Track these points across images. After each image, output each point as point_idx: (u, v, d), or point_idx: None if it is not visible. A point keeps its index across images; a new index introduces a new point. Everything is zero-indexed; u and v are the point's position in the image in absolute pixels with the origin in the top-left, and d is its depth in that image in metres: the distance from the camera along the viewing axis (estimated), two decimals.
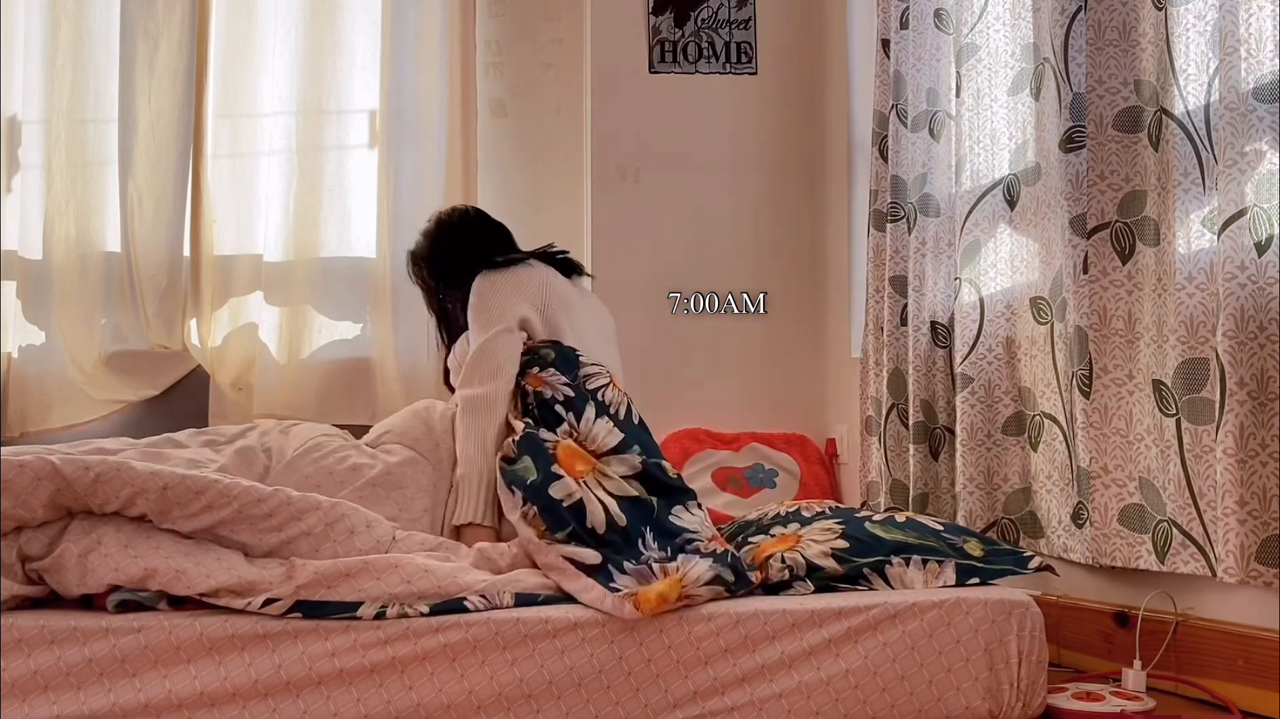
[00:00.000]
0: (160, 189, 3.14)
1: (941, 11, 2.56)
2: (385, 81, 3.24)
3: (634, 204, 3.26)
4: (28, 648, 1.50)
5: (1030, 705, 1.64)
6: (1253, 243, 1.69)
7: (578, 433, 1.98)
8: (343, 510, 1.75)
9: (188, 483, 1.63)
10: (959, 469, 2.32)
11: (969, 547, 1.82)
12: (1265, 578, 1.67)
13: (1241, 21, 1.72)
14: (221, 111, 3.22)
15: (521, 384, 2.07)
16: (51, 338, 3.16)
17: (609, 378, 2.11)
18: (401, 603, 1.59)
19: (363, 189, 3.28)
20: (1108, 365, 2.01)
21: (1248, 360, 1.69)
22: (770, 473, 3.12)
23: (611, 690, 1.59)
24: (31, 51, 3.17)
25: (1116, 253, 2.01)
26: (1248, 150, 1.70)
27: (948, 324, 2.48)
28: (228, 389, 3.17)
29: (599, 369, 2.12)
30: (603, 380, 2.09)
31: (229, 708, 1.52)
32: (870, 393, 2.70)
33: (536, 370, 2.08)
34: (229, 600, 1.57)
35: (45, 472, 1.58)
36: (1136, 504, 1.95)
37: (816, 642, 1.62)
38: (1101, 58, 2.04)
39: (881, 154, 2.67)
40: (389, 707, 1.54)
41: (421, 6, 3.27)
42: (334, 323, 3.27)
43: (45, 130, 3.16)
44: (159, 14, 3.15)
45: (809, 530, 1.88)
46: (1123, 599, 2.01)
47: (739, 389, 3.26)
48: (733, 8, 3.33)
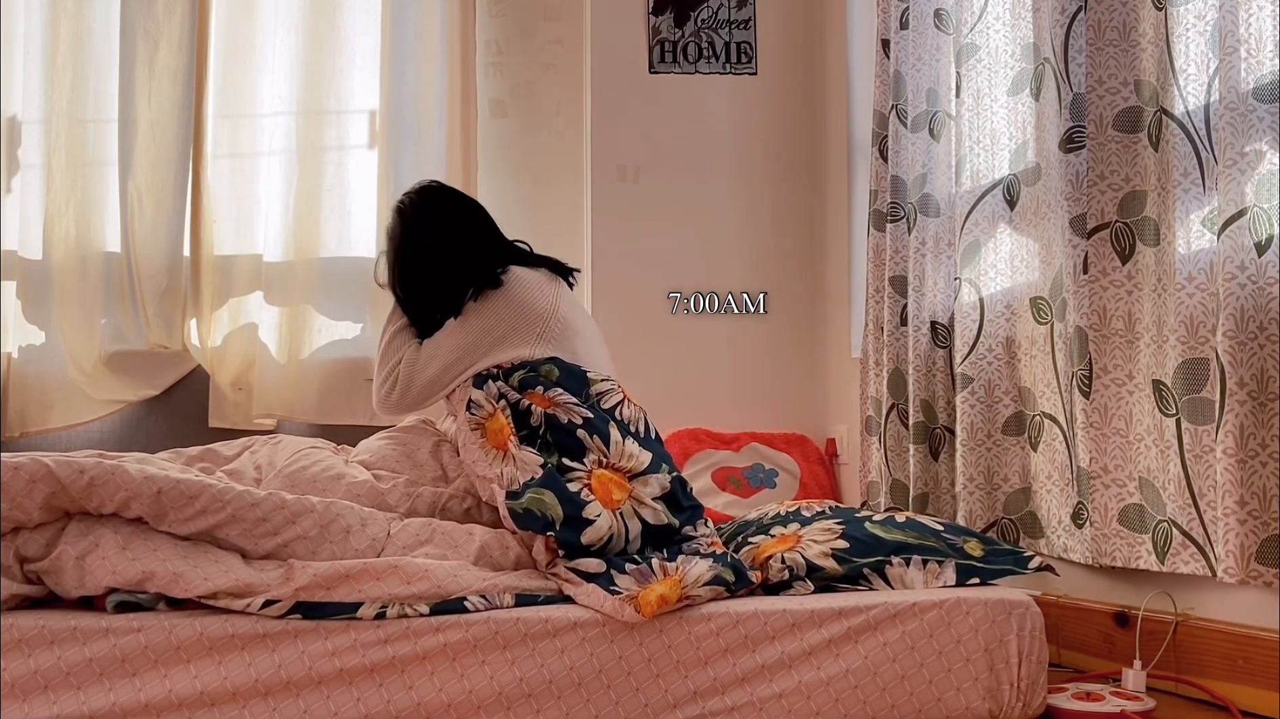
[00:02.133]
0: (160, 189, 3.15)
1: (941, 11, 2.56)
2: (385, 81, 3.24)
3: (634, 204, 3.26)
4: (28, 648, 1.50)
5: (1030, 705, 1.64)
6: (1253, 243, 1.69)
7: (609, 459, 1.87)
8: (337, 510, 1.75)
9: (181, 487, 1.63)
10: (959, 469, 2.32)
11: (969, 547, 1.82)
12: (1265, 578, 1.67)
13: (1241, 21, 1.72)
14: (221, 111, 3.23)
15: (521, 401, 1.93)
16: (51, 338, 3.17)
17: (621, 392, 2.00)
18: (401, 603, 1.59)
19: (363, 189, 3.29)
20: (1108, 365, 2.01)
21: (1248, 360, 1.69)
22: (770, 473, 3.12)
23: (611, 690, 1.59)
24: (31, 51, 3.17)
25: (1116, 253, 2.01)
26: (1248, 150, 1.70)
27: (948, 324, 2.47)
28: (228, 389, 3.17)
29: (610, 384, 2.00)
30: (618, 397, 1.98)
31: (229, 708, 1.52)
32: (870, 393, 2.70)
33: (541, 390, 1.94)
34: (227, 603, 1.57)
35: (40, 474, 1.58)
36: (1136, 504, 1.95)
37: (816, 642, 1.62)
38: (1101, 58, 2.04)
39: (881, 154, 2.67)
40: (389, 707, 1.54)
41: (421, 6, 3.27)
42: (334, 323, 3.27)
43: (45, 130, 3.17)
44: (159, 14, 3.15)
45: (809, 531, 1.88)
46: (1123, 599, 2.01)
47: (739, 389, 3.26)
48: (733, 8, 3.33)
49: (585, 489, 1.80)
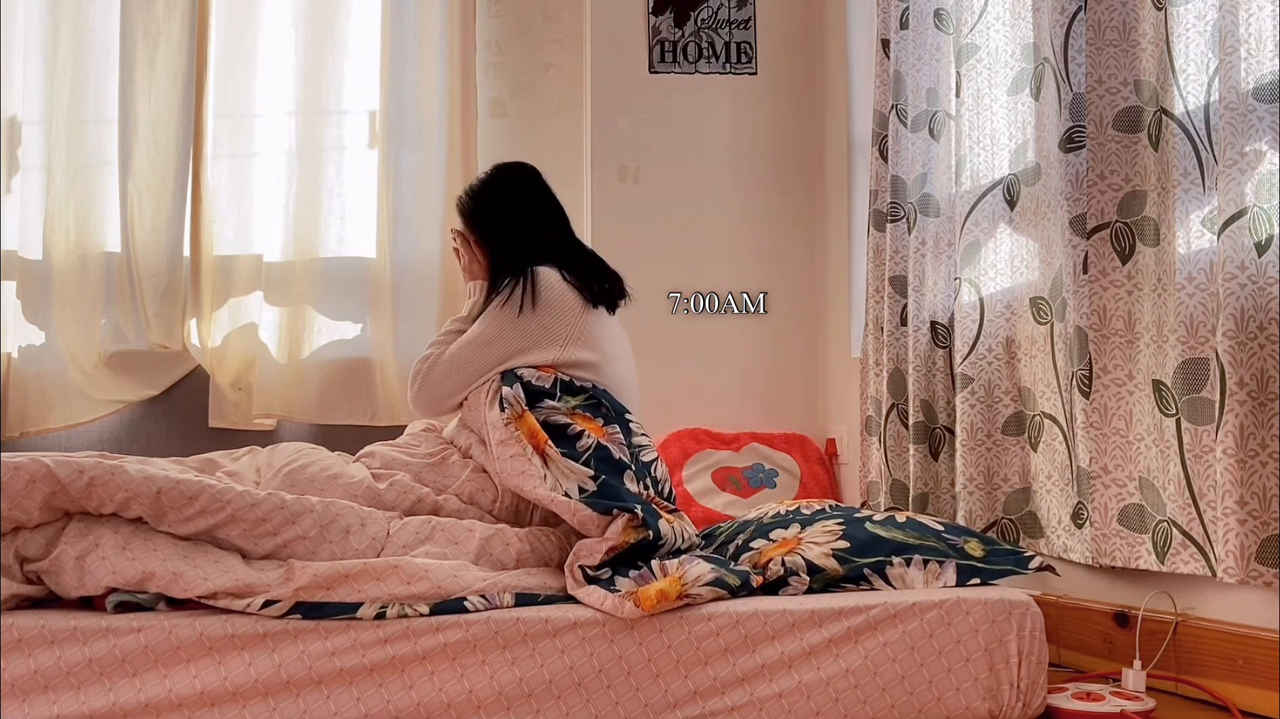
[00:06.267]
0: (160, 189, 3.15)
1: (941, 11, 2.56)
2: (385, 81, 3.24)
3: (634, 204, 3.26)
4: (28, 648, 1.50)
5: (1030, 705, 1.64)
6: (1253, 243, 1.69)
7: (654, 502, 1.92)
8: (337, 510, 1.75)
9: (181, 488, 1.63)
10: (959, 469, 2.32)
11: (969, 547, 1.82)
12: (1265, 578, 1.67)
13: (1241, 21, 1.72)
14: (221, 112, 3.22)
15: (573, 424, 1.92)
16: (51, 338, 3.16)
17: (655, 451, 2.02)
18: (401, 603, 1.59)
19: (363, 189, 3.29)
20: (1108, 365, 2.01)
21: (1248, 360, 1.69)
22: (770, 473, 3.12)
23: (611, 690, 1.59)
24: (31, 51, 3.17)
25: (1116, 253, 2.01)
26: (1248, 150, 1.70)
27: (948, 324, 2.47)
28: (228, 389, 3.17)
29: (646, 439, 2.02)
30: (653, 454, 2.00)
31: (229, 708, 1.52)
32: (870, 393, 2.70)
33: (602, 423, 1.95)
34: (227, 603, 1.57)
35: (40, 474, 1.58)
36: (1136, 504, 1.95)
37: (816, 642, 1.62)
38: (1101, 58, 2.04)
39: (881, 154, 2.67)
40: (389, 706, 1.54)
41: (421, 6, 3.27)
42: (334, 323, 3.27)
43: (45, 130, 3.17)
44: (159, 14, 3.15)
45: (809, 531, 1.88)
46: (1123, 599, 2.01)
47: (739, 389, 3.26)
48: (733, 8, 3.33)
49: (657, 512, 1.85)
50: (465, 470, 1.97)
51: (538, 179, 2.23)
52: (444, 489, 1.95)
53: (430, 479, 1.96)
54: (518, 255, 2.10)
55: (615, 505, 1.77)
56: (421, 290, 3.26)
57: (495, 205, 2.17)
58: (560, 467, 1.84)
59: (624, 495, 1.82)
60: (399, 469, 1.96)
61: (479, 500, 1.94)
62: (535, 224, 2.17)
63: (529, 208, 2.18)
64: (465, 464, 1.99)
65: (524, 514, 1.97)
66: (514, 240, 2.14)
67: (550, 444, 1.86)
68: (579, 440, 1.89)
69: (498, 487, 1.96)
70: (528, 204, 2.18)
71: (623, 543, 1.74)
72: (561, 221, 2.22)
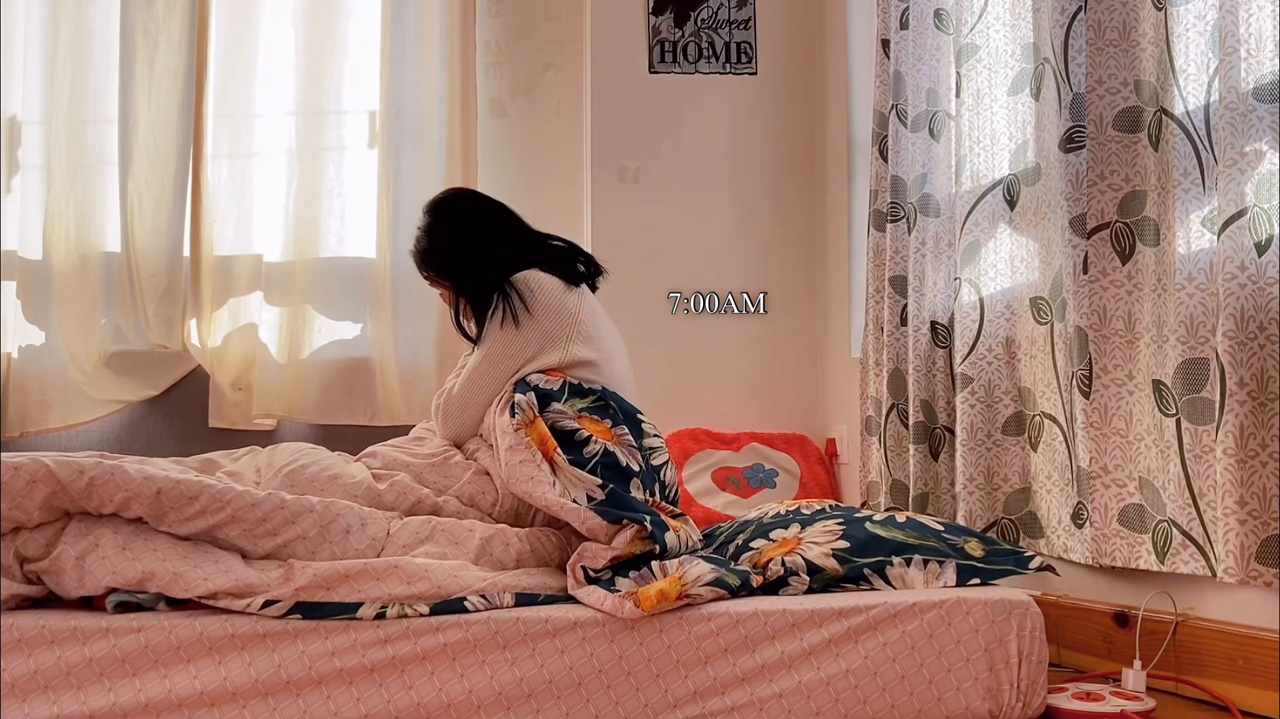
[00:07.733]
0: (160, 189, 3.15)
1: (941, 11, 2.56)
2: (385, 81, 3.24)
3: (634, 204, 3.26)
4: (28, 648, 1.50)
5: (1030, 705, 1.64)
6: (1253, 243, 1.69)
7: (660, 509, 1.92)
8: (337, 510, 1.75)
9: (181, 488, 1.63)
10: (959, 469, 2.32)
11: (969, 547, 1.82)
12: (1265, 578, 1.67)
13: (1241, 21, 1.72)
14: (221, 112, 3.22)
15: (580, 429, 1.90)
16: (51, 338, 3.16)
17: (667, 452, 2.01)
18: (401, 603, 1.59)
19: (363, 189, 3.29)
20: (1108, 365, 2.01)
21: (1248, 360, 1.69)
22: (770, 473, 3.12)
23: (611, 690, 1.59)
24: (31, 51, 3.17)
25: (1116, 253, 2.01)
26: (1248, 150, 1.70)
27: (948, 324, 2.48)
28: (228, 389, 3.17)
29: (659, 440, 2.00)
30: (665, 457, 1.99)
31: (229, 708, 1.52)
32: (870, 393, 2.70)
33: (610, 425, 1.94)
34: (227, 603, 1.57)
35: (40, 474, 1.58)
36: (1136, 504, 1.95)
37: (816, 642, 1.62)
38: (1101, 58, 2.04)
39: (881, 154, 2.67)
40: (389, 706, 1.54)
41: (421, 6, 3.27)
42: (334, 323, 3.27)
43: (45, 130, 3.17)
44: (159, 14, 3.15)
45: (809, 531, 1.88)
46: (1123, 599, 2.01)
47: (739, 389, 3.26)
48: (733, 8, 3.33)
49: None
50: (467, 473, 1.97)
51: (471, 199, 2.23)
52: (445, 490, 1.95)
53: (431, 480, 1.96)
54: (488, 280, 2.08)
55: (626, 516, 1.76)
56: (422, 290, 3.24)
57: (445, 248, 2.17)
58: (568, 474, 1.83)
59: (634, 505, 1.81)
60: (400, 469, 1.96)
61: (479, 503, 1.94)
62: (489, 244, 2.14)
63: (476, 233, 2.15)
64: (467, 466, 1.99)
65: (524, 518, 1.97)
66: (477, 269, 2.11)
67: (559, 452, 1.85)
68: (586, 446, 1.88)
69: (498, 489, 1.96)
70: (473, 230, 2.16)
71: (628, 553, 1.74)
72: (513, 225, 2.19)
